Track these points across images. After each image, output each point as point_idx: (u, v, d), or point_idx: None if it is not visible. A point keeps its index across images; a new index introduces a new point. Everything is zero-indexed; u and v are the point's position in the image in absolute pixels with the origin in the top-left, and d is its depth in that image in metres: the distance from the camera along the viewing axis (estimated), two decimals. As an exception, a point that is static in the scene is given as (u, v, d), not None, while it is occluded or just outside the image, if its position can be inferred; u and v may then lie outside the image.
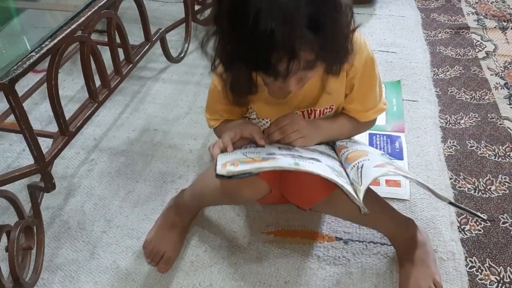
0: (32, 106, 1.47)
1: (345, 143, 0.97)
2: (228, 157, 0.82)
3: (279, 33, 0.64)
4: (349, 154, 0.91)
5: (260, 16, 0.64)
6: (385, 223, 0.98)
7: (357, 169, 0.84)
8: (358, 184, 0.80)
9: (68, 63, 1.55)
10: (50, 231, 1.10)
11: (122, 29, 1.21)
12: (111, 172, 1.25)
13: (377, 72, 0.92)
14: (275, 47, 0.66)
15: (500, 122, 1.35)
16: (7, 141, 1.36)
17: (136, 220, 1.12)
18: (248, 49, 0.68)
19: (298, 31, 0.66)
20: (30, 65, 0.86)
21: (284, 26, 0.65)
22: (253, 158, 0.80)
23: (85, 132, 1.38)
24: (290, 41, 0.66)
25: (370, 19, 1.88)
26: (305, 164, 0.79)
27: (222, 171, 0.76)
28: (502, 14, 1.87)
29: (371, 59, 0.90)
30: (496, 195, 1.14)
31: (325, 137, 0.96)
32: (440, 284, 0.93)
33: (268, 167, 0.76)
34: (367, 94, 0.94)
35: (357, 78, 0.90)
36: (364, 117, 0.98)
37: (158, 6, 2.02)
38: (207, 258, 1.03)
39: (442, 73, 1.57)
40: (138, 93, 1.54)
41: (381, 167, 0.83)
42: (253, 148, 0.87)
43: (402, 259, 0.98)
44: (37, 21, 1.38)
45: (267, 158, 0.80)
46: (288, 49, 0.66)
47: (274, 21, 0.64)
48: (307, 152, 0.88)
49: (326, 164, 0.84)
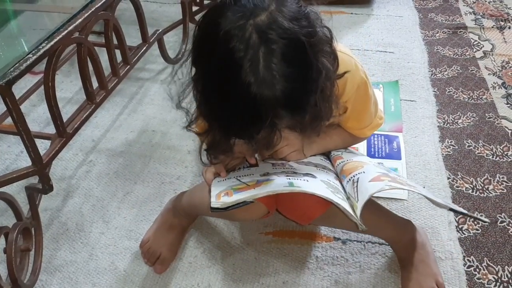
0: (30, 108, 1.47)
1: (340, 153, 0.97)
2: (221, 185, 0.82)
3: (262, 111, 0.64)
4: (345, 166, 0.91)
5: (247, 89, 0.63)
6: (384, 230, 0.98)
7: (353, 183, 0.83)
8: (354, 200, 0.80)
9: (66, 65, 1.55)
10: (49, 233, 1.10)
11: (120, 30, 1.21)
12: (109, 174, 1.25)
13: (370, 94, 0.91)
14: (257, 124, 0.66)
15: (497, 121, 1.35)
16: (5, 143, 1.36)
17: (134, 221, 1.12)
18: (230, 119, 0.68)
19: (285, 109, 0.65)
20: (27, 67, 0.86)
21: (266, 105, 0.64)
22: (246, 184, 0.80)
23: (83, 133, 1.38)
24: (271, 121, 0.65)
25: (367, 20, 1.89)
26: (299, 183, 0.78)
27: (217, 204, 0.76)
28: (500, 14, 1.87)
29: (364, 83, 0.88)
30: (494, 194, 1.14)
31: (319, 149, 0.96)
32: (443, 284, 0.94)
33: (262, 193, 0.75)
34: (361, 115, 0.93)
35: (350, 103, 0.88)
36: (360, 133, 0.98)
37: (156, 7, 2.02)
38: (205, 259, 1.03)
39: (440, 73, 1.57)
40: (136, 94, 1.54)
41: (376, 181, 0.82)
42: (247, 169, 0.87)
43: (402, 261, 0.98)
44: (35, 23, 1.38)
45: (260, 181, 0.80)
46: (271, 125, 0.66)
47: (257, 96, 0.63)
48: (301, 166, 0.88)
49: (321, 179, 0.83)
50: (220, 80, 0.66)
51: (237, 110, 0.66)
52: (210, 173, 0.87)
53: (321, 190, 0.78)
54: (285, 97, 0.64)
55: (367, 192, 0.78)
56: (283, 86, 0.63)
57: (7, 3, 1.38)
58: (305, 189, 0.77)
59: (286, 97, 0.64)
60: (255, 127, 0.66)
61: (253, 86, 0.63)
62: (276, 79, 0.63)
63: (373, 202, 0.97)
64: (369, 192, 0.78)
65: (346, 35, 1.79)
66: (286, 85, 0.63)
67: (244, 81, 0.63)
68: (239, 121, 0.67)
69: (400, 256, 1.00)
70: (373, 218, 0.78)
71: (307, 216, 0.91)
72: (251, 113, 0.65)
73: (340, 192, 0.83)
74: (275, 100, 0.64)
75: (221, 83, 0.66)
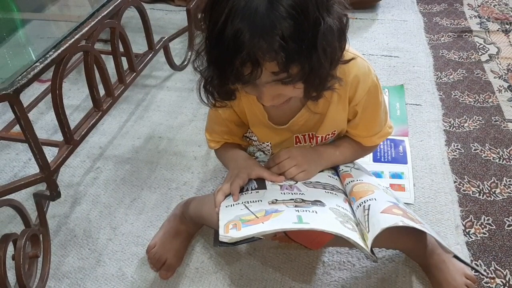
0: (38, 115, 1.49)
1: (349, 169, 0.96)
2: (230, 212, 0.83)
3: (244, 37, 0.65)
4: (354, 187, 0.90)
5: (231, 18, 0.65)
6: (398, 242, 0.95)
7: (363, 210, 0.83)
8: (365, 229, 0.80)
9: (73, 73, 1.57)
10: (57, 239, 1.11)
11: (125, 38, 1.22)
12: (117, 180, 1.26)
13: (381, 99, 0.91)
14: (239, 51, 0.66)
15: (504, 124, 1.35)
16: (13, 151, 1.37)
17: (142, 227, 1.13)
18: (215, 52, 0.69)
19: (265, 40, 0.65)
20: (34, 75, 0.87)
21: (252, 31, 0.65)
22: (255, 214, 0.80)
23: (90, 140, 1.39)
24: (253, 47, 0.65)
25: (372, 24, 1.89)
26: (308, 218, 0.78)
27: (225, 238, 0.76)
28: (505, 17, 1.86)
29: (375, 86, 0.88)
30: (501, 198, 1.13)
31: (327, 164, 0.96)
32: (473, 276, 0.93)
33: (270, 231, 0.76)
34: (371, 121, 0.93)
35: (360, 106, 0.89)
36: (369, 142, 0.97)
37: (162, 15, 2.04)
38: (212, 265, 1.04)
39: (445, 77, 1.57)
40: (143, 101, 1.55)
41: (388, 213, 0.81)
42: (255, 193, 0.87)
43: (425, 268, 0.97)
44: (42, 32, 1.39)
45: (269, 213, 0.80)
46: (251, 55, 0.66)
47: (242, 23, 0.65)
48: (310, 189, 0.88)
49: (330, 207, 0.83)
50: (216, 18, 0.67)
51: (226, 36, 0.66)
52: (221, 194, 0.87)
53: (330, 224, 0.78)
54: (287, 23, 0.65)
55: (379, 225, 0.78)
56: (289, 23, 0.65)
57: (15, 13, 1.39)
58: (313, 226, 0.76)
59: (288, 24, 0.65)
60: (240, 56, 0.66)
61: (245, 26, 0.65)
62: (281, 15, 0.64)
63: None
64: (381, 226, 0.77)
65: (351, 40, 1.75)
66: (291, 21, 0.65)
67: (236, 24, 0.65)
68: (226, 49, 0.67)
69: (420, 263, 0.98)
70: (387, 234, 0.77)
71: (317, 242, 0.91)
72: (237, 39, 0.65)
73: (350, 219, 0.82)
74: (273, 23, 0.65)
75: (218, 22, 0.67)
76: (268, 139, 0.97)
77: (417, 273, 0.99)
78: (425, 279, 0.97)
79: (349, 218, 0.83)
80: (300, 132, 0.94)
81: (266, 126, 0.93)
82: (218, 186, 0.92)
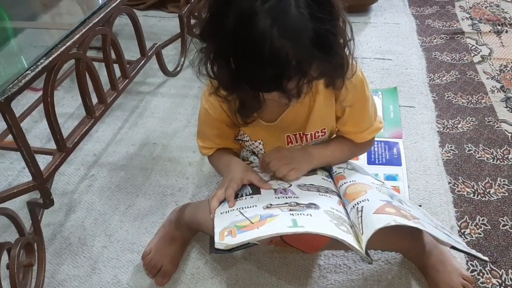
0: (32, 124, 1.49)
1: (343, 171, 0.96)
2: (224, 218, 0.83)
3: (290, 54, 0.66)
4: (348, 188, 0.90)
5: (268, 38, 0.65)
6: (394, 243, 0.95)
7: (357, 212, 0.83)
8: (359, 231, 0.80)
9: (67, 81, 1.57)
10: (51, 248, 1.11)
11: (117, 45, 1.22)
12: (111, 187, 1.26)
13: (368, 94, 0.92)
14: (287, 67, 0.67)
15: (497, 125, 1.35)
16: (7, 160, 1.37)
17: (137, 234, 1.12)
18: (256, 70, 0.69)
19: (307, 51, 0.67)
20: (25, 83, 0.87)
21: (294, 47, 0.66)
22: (250, 220, 0.80)
23: (84, 148, 1.39)
24: (300, 61, 0.67)
25: (365, 28, 1.90)
26: (303, 221, 0.78)
27: (221, 246, 0.77)
28: (497, 18, 1.88)
29: (361, 81, 0.89)
30: (496, 198, 1.14)
31: (318, 163, 0.96)
32: (469, 276, 0.93)
33: (265, 236, 0.76)
34: (360, 116, 0.94)
35: (347, 101, 0.89)
36: (360, 138, 0.97)
37: (155, 21, 2.04)
38: (208, 270, 1.03)
39: (438, 79, 1.57)
40: (137, 108, 1.55)
41: (381, 212, 0.81)
42: (249, 198, 0.87)
43: (422, 269, 0.97)
44: (35, 40, 1.40)
45: (264, 218, 0.80)
46: (300, 69, 0.68)
47: (283, 41, 0.66)
48: (304, 192, 0.88)
49: (324, 210, 0.83)
50: (240, 32, 0.67)
51: (262, 60, 0.67)
52: (216, 201, 0.87)
53: (325, 227, 0.78)
54: (317, 37, 0.67)
55: (373, 227, 0.78)
56: (315, 27, 0.67)
57: (7, 22, 1.40)
58: (308, 229, 0.77)
59: (319, 37, 0.67)
60: (285, 76, 0.68)
61: (275, 31, 0.65)
62: (306, 20, 0.67)
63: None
64: (374, 226, 0.77)
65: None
66: (317, 26, 0.67)
67: (265, 27, 0.65)
68: (265, 72, 0.68)
69: (417, 264, 0.98)
70: (381, 235, 0.77)
71: (313, 245, 0.91)
72: (276, 61, 0.67)
73: (345, 221, 0.83)
74: (304, 32, 0.67)
75: (240, 36, 0.67)
76: (260, 138, 0.98)
77: (414, 274, 0.99)
78: (421, 281, 0.97)
79: (343, 221, 0.83)
80: (290, 130, 0.95)
81: (256, 124, 0.94)
82: (212, 192, 0.92)
